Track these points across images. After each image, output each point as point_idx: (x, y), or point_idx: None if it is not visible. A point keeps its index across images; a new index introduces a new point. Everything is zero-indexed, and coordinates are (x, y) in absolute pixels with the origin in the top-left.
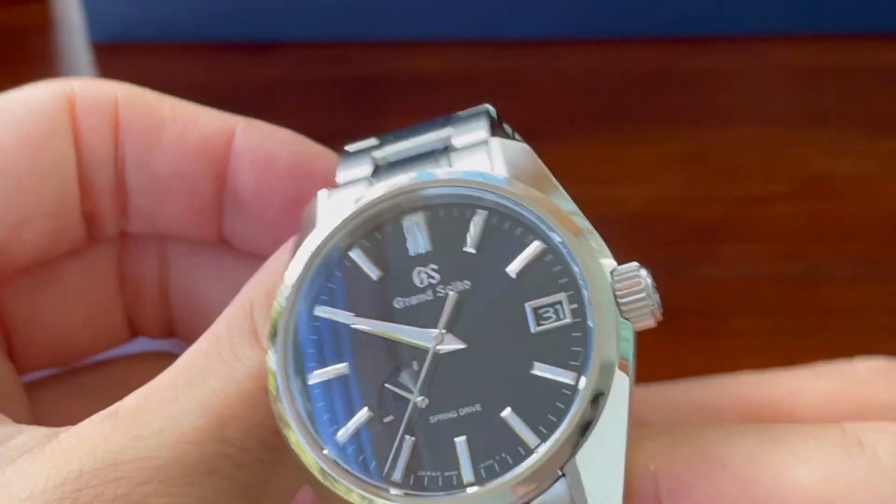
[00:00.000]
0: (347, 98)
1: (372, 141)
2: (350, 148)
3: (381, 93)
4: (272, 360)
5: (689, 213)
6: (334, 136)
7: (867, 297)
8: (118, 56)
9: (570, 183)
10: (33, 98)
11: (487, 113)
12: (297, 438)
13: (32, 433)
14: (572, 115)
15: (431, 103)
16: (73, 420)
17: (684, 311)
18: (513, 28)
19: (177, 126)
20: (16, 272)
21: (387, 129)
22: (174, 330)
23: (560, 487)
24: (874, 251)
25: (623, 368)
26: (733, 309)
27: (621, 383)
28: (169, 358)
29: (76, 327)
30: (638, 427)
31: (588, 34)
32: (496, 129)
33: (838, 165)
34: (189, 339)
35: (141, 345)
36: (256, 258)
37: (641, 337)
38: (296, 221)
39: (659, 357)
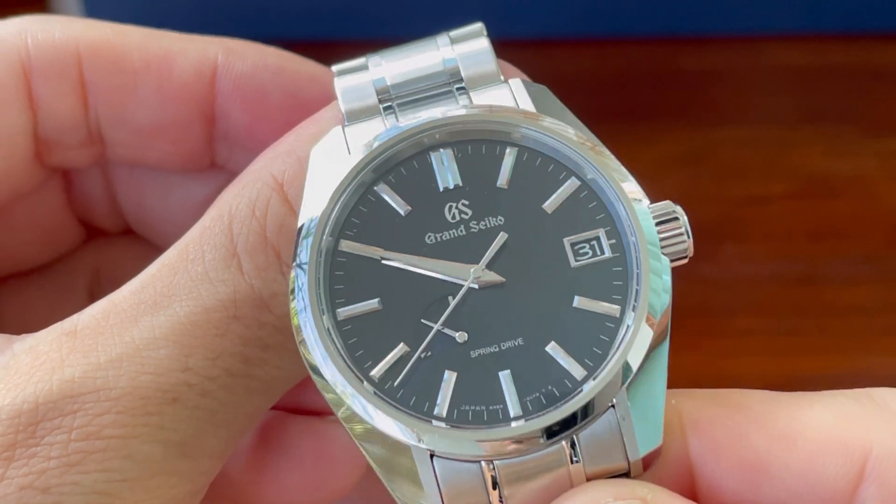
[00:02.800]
0: None
1: (364, 67)
2: (342, 73)
3: None
4: (300, 298)
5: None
6: None
7: (866, 297)
8: None
9: None
10: None
11: (486, 36)
12: (333, 371)
13: None
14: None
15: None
16: (40, 320)
17: (684, 310)
18: (512, 28)
19: (151, 76)
20: None
21: None
22: (130, 230)
23: (609, 416)
24: (873, 250)
25: (663, 302)
26: (733, 308)
27: (664, 317)
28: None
29: (32, 243)
30: None
31: (588, 34)
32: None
33: (838, 165)
34: (145, 235)
35: None
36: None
37: None
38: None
39: None
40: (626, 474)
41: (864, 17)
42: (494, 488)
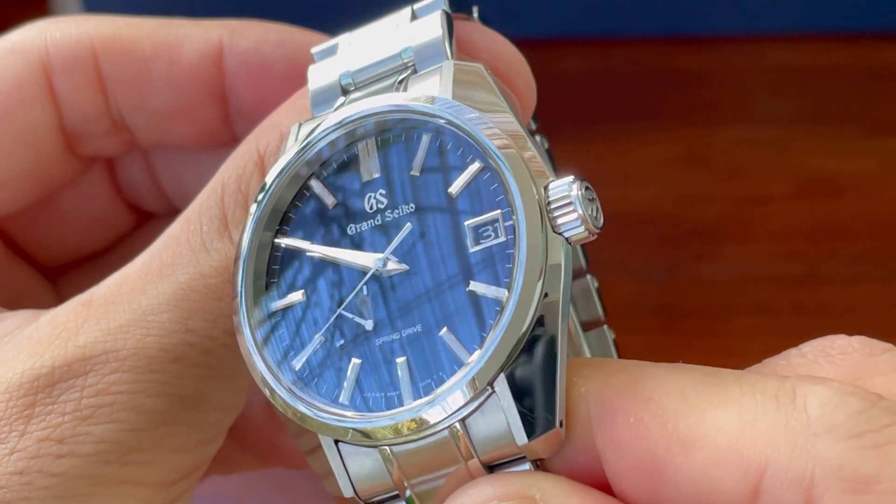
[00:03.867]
0: None
1: (334, 51)
2: (318, 56)
3: None
4: (236, 292)
5: (689, 213)
6: None
7: (866, 297)
8: None
9: None
10: (4, 64)
11: (447, 17)
12: (259, 364)
13: (18, 316)
14: (572, 115)
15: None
16: None
17: (684, 310)
18: (512, 28)
19: (161, 62)
20: (10, 214)
21: None
22: (177, 210)
23: (494, 401)
24: (873, 250)
25: (554, 280)
26: (733, 308)
27: (553, 296)
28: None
29: (87, 232)
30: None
31: (588, 34)
32: (453, 22)
33: (838, 165)
34: None
35: None
36: None
37: (641, 337)
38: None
39: (659, 356)
40: (522, 458)
41: (865, 17)
42: (396, 473)
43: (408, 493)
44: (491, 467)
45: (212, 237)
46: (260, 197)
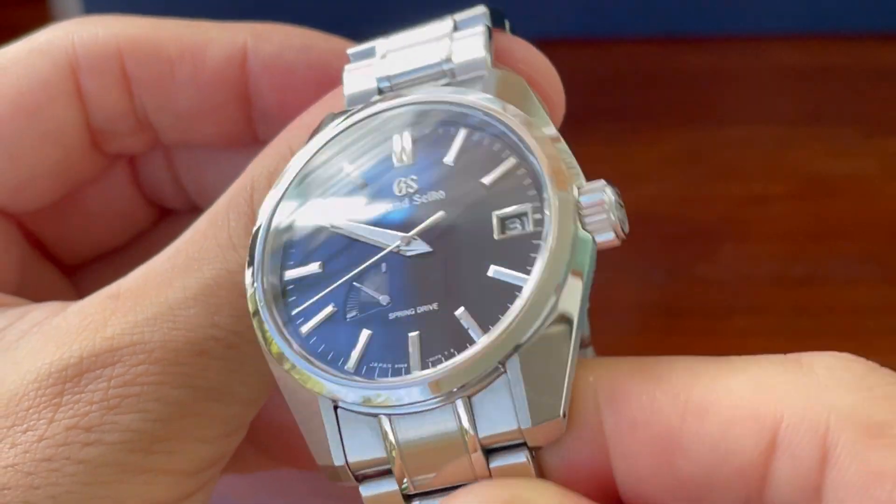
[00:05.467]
0: None
1: (371, 54)
2: (353, 57)
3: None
4: (255, 258)
5: (689, 213)
6: None
7: (866, 296)
8: None
9: None
10: (32, 64)
11: (487, 29)
12: (272, 328)
13: (45, 308)
14: (572, 114)
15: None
16: None
17: (684, 310)
18: (513, 28)
19: (186, 64)
20: (36, 211)
21: None
22: (198, 207)
23: (502, 381)
24: (873, 250)
25: (577, 276)
26: (733, 308)
27: (574, 291)
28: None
29: (107, 228)
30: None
31: (587, 34)
32: (492, 37)
33: (837, 165)
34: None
35: None
36: None
37: (641, 337)
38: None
39: (659, 356)
40: (524, 444)
41: (864, 17)
42: (393, 446)
43: (405, 482)
44: (489, 451)
45: (239, 233)
46: (296, 168)
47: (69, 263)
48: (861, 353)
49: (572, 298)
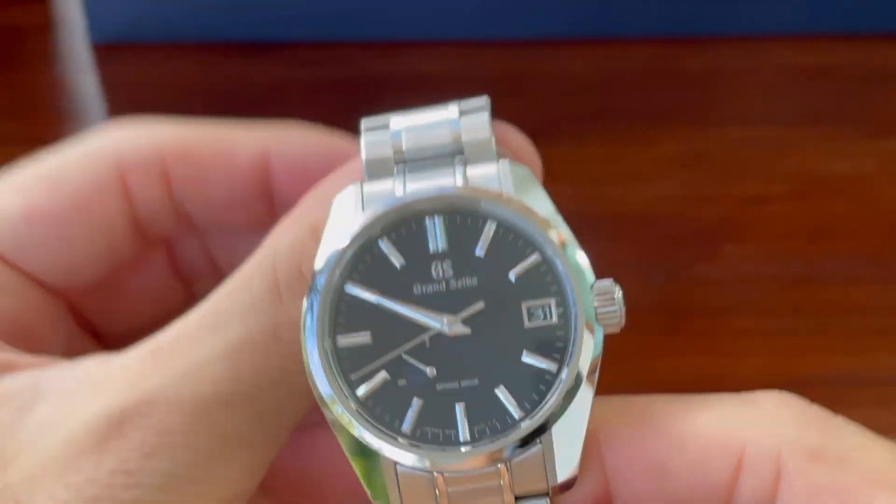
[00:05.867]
0: (347, 98)
1: (386, 126)
2: (369, 128)
3: (380, 93)
4: (308, 323)
5: (688, 214)
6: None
7: (866, 297)
8: (119, 56)
9: (570, 183)
10: (86, 166)
11: (489, 110)
12: (327, 389)
13: (95, 359)
14: (571, 115)
15: (430, 104)
16: None
17: (684, 310)
18: (512, 28)
19: (219, 165)
20: (83, 290)
21: None
22: None
23: (536, 448)
24: (873, 251)
25: (594, 362)
26: (732, 308)
27: (592, 374)
28: None
29: (145, 304)
30: None
31: (587, 34)
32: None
33: (837, 165)
34: None
35: None
36: None
37: (641, 337)
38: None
39: (659, 356)
40: (546, 494)
41: (864, 18)
42: (443, 495)
43: None
44: (518, 498)
45: (262, 297)
46: (341, 245)
47: (108, 336)
48: (859, 353)
49: (591, 378)
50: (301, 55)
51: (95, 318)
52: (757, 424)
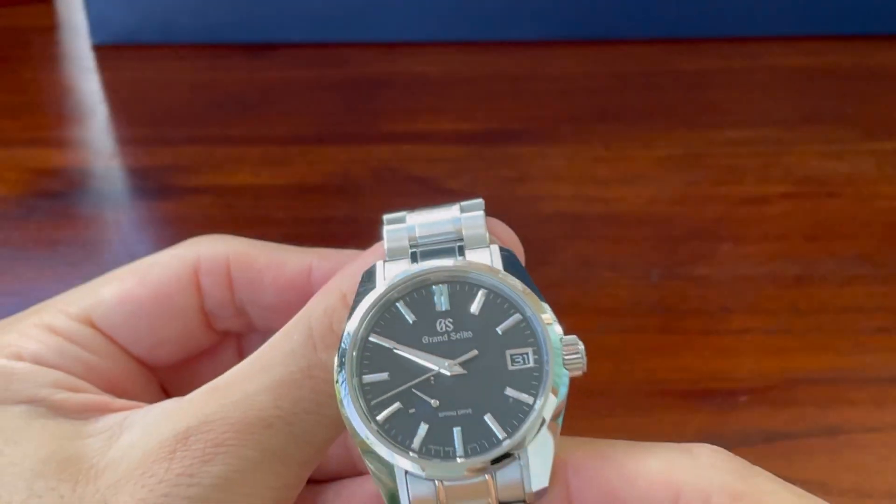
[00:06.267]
0: (347, 99)
1: (403, 220)
2: (389, 221)
3: (380, 94)
4: (341, 368)
5: (687, 214)
6: (334, 136)
7: (862, 296)
8: (120, 57)
9: (570, 183)
10: (170, 265)
11: (483, 210)
12: (355, 415)
13: (168, 401)
14: (571, 116)
15: (430, 105)
16: None
17: (682, 310)
18: (511, 30)
19: (271, 273)
20: (164, 368)
21: (385, 129)
22: None
23: (516, 463)
24: (869, 250)
25: (560, 397)
26: (730, 308)
27: (559, 407)
28: None
29: None
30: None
31: (587, 36)
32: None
33: (834, 166)
34: None
35: None
36: None
37: (640, 336)
38: None
39: (658, 356)
40: (523, 501)
41: (860, 19)
42: (441, 496)
43: None
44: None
45: (300, 345)
46: (365, 308)
47: None
48: (857, 352)
49: (559, 409)
50: (301, 56)
51: (177, 394)
52: (693, 470)
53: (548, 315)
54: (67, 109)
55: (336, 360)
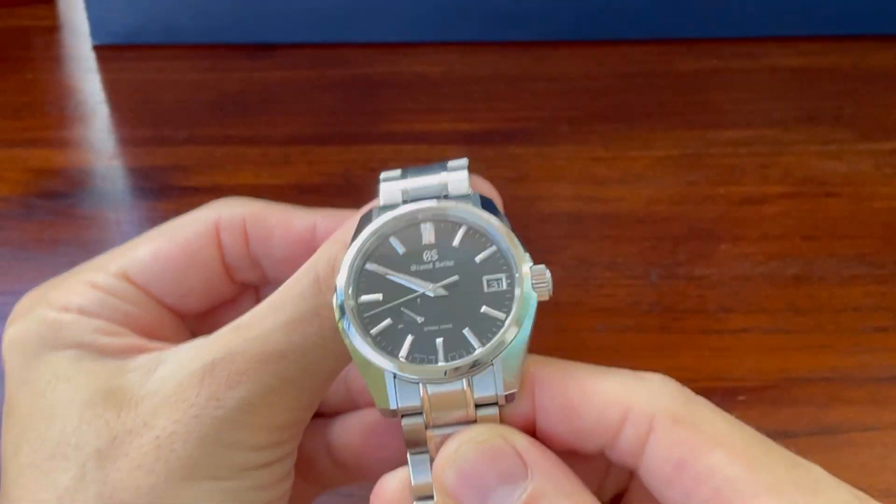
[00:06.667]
0: (347, 99)
1: (397, 173)
2: (385, 179)
3: (380, 94)
4: (340, 286)
5: (686, 214)
6: (334, 136)
7: (861, 296)
8: (121, 58)
9: (569, 183)
10: (194, 225)
11: (467, 168)
12: (351, 329)
13: (197, 339)
14: (570, 116)
15: (430, 105)
16: None
17: (681, 309)
18: (511, 30)
19: (281, 229)
20: (193, 316)
21: (385, 129)
22: None
23: (490, 369)
24: (867, 250)
25: (529, 315)
26: (729, 307)
27: (527, 322)
28: None
29: None
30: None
31: (585, 37)
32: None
33: (832, 166)
34: None
35: None
36: None
37: (639, 335)
38: None
39: (657, 355)
40: (495, 403)
41: (858, 20)
42: (425, 400)
43: (431, 429)
44: (476, 406)
45: (308, 288)
46: (363, 238)
47: None
48: (854, 350)
49: (526, 327)
50: (302, 57)
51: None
52: (642, 394)
53: (518, 246)
54: (68, 110)
55: (336, 284)
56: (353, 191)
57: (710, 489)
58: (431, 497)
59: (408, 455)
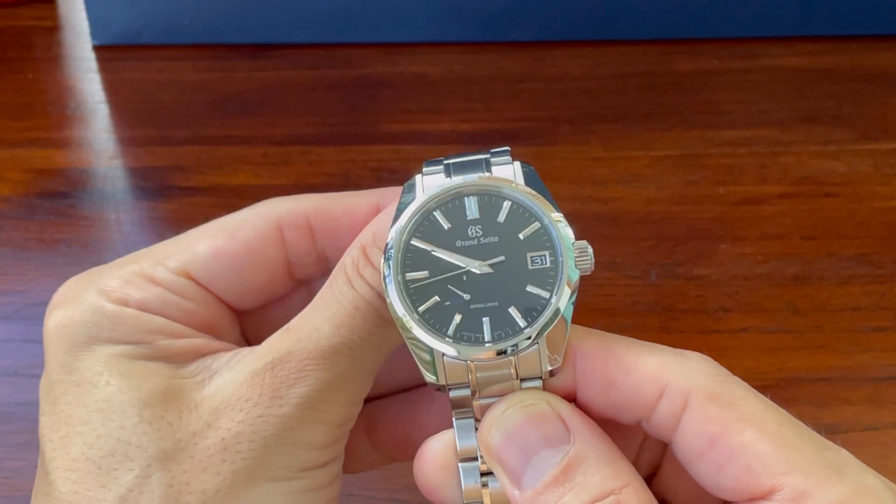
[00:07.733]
0: (347, 99)
1: (440, 163)
2: (427, 164)
3: (380, 94)
4: (387, 266)
5: (686, 214)
6: (334, 136)
7: (859, 296)
8: (122, 58)
9: (569, 183)
10: (256, 223)
11: (509, 153)
12: (399, 306)
13: (248, 348)
14: (569, 116)
15: (430, 105)
16: None
17: (680, 309)
18: (511, 30)
19: (347, 219)
20: (248, 312)
21: (385, 130)
22: None
23: (534, 347)
24: (866, 250)
25: (573, 292)
26: (729, 307)
27: (571, 301)
28: None
29: None
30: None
31: (585, 37)
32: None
33: (831, 166)
34: None
35: None
36: None
37: (639, 335)
38: None
39: None
40: (539, 377)
41: (857, 20)
42: (472, 375)
43: (477, 399)
44: (521, 380)
45: (343, 286)
46: (407, 217)
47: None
48: (854, 350)
49: (569, 305)
50: (302, 57)
51: (251, 336)
52: (680, 371)
53: (562, 222)
54: (69, 110)
55: (382, 261)
56: (353, 191)
57: (740, 465)
58: (475, 459)
59: (453, 419)
